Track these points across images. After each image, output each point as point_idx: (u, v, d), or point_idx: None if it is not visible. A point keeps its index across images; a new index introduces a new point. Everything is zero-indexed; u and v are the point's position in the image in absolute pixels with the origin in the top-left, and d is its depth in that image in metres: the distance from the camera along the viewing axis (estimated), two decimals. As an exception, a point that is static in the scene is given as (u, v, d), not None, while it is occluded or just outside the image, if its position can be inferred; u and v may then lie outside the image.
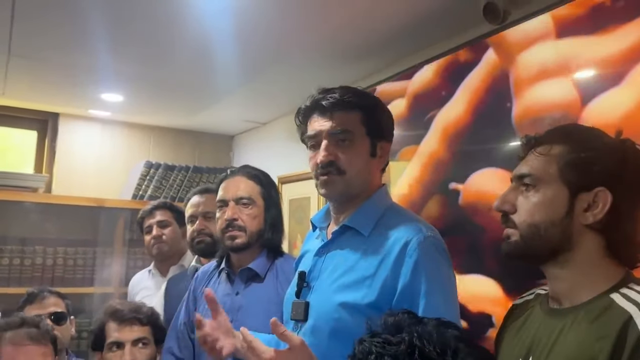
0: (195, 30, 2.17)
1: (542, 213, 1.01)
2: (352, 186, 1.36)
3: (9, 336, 1.74)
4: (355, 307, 1.24)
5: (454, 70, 1.93)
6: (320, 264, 1.39)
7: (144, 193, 3.55)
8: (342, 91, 1.37)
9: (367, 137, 1.37)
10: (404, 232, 1.28)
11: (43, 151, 3.62)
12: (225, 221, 1.74)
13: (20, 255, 3.22)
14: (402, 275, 1.23)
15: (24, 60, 2.57)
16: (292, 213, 3.25)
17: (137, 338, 1.90)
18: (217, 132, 4.04)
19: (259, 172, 1.86)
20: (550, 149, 1.03)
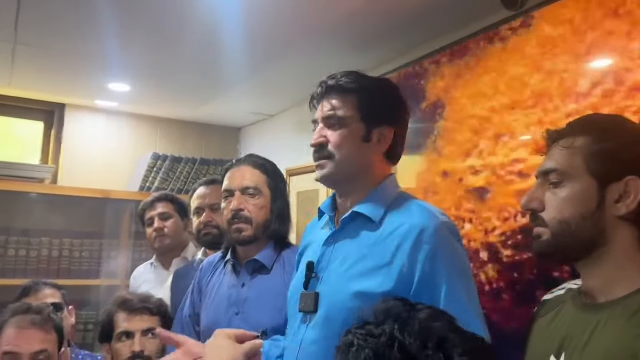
0: (202, 19, 2.14)
1: (571, 208, 0.98)
2: (342, 169, 1.34)
3: (13, 320, 1.74)
4: (371, 295, 1.20)
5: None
6: (329, 254, 1.35)
7: (151, 185, 3.53)
8: (342, 75, 1.37)
9: (361, 121, 1.34)
10: (419, 219, 1.25)
11: (49, 142, 3.60)
12: (232, 211, 1.71)
13: (26, 246, 3.20)
14: (420, 262, 1.21)
15: (31, 49, 2.55)
16: (300, 206, 3.22)
17: (147, 328, 1.89)
18: (224, 124, 4.01)
19: (266, 162, 1.82)
20: (573, 141, 1.00)
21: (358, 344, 0.78)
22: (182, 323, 1.88)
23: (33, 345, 1.71)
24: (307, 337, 1.28)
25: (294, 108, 3.35)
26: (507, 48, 1.75)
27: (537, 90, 1.63)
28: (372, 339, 0.78)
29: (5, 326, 1.73)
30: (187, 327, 1.85)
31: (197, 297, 1.87)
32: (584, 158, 0.98)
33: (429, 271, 1.20)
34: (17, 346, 1.69)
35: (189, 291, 1.92)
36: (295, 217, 3.23)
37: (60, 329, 1.83)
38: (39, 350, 1.71)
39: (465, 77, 1.92)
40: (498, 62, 1.79)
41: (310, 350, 1.27)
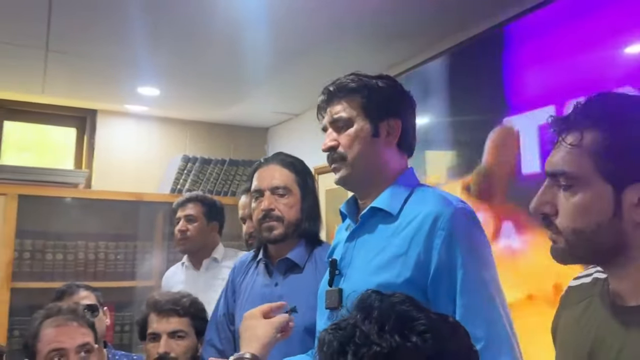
0: (226, 22, 2.17)
1: (585, 217, 0.88)
2: (357, 169, 1.34)
3: (48, 321, 1.77)
4: (391, 287, 1.19)
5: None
6: (351, 250, 1.37)
7: (182, 187, 3.58)
8: (342, 79, 1.39)
9: (366, 119, 1.35)
10: (434, 207, 1.25)
11: (82, 147, 3.69)
12: (262, 211, 1.71)
13: (62, 250, 3.28)
14: (435, 249, 1.21)
15: (62, 56, 2.61)
16: (329, 204, 3.22)
17: (174, 330, 1.91)
18: (252, 124, 4.04)
19: (294, 160, 1.82)
20: (580, 137, 0.88)
21: (328, 339, 0.79)
22: (216, 323, 1.89)
23: (76, 339, 1.74)
24: None
25: (319, 106, 3.35)
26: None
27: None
28: (339, 331, 0.79)
29: (40, 329, 1.76)
30: (222, 326, 1.86)
31: (231, 296, 1.88)
32: (594, 159, 0.86)
33: (445, 257, 1.20)
34: (61, 342, 1.72)
35: (223, 291, 1.93)
36: (324, 215, 3.23)
37: (93, 326, 1.86)
38: (82, 343, 1.74)
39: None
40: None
41: None
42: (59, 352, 1.71)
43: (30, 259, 3.18)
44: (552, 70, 1.71)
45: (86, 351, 1.75)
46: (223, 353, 1.75)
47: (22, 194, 3.10)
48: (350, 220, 1.44)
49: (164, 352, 1.88)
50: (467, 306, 1.18)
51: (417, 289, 1.20)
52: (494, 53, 1.93)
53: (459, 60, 2.14)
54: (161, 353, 1.88)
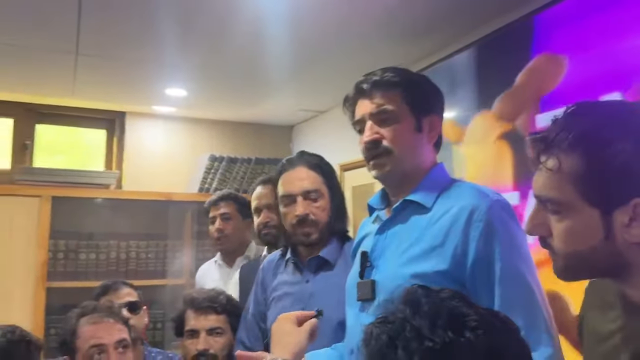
0: (249, 22, 2.19)
1: (577, 241, 0.87)
2: (402, 164, 1.34)
3: (85, 319, 1.81)
4: (425, 277, 1.21)
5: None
6: (382, 242, 1.37)
7: (210, 186, 3.62)
8: (382, 71, 1.37)
9: (410, 113, 1.35)
10: (470, 200, 1.25)
11: (112, 149, 3.76)
12: (296, 217, 1.70)
13: (95, 250, 3.35)
14: (473, 241, 1.21)
15: (91, 59, 2.67)
16: (356, 200, 3.22)
17: (212, 327, 1.93)
18: (277, 123, 4.07)
19: (319, 160, 1.81)
20: (559, 163, 0.85)
21: (375, 332, 0.80)
22: (246, 322, 1.91)
23: (114, 335, 1.78)
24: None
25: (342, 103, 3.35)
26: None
27: None
28: (387, 325, 0.79)
29: (78, 327, 1.80)
30: (251, 325, 1.89)
31: (261, 296, 1.89)
32: (575, 185, 0.84)
33: (482, 249, 1.20)
34: (100, 338, 1.76)
35: (253, 291, 1.95)
36: (351, 211, 3.24)
37: (127, 322, 1.89)
38: (119, 339, 1.79)
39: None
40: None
41: None
42: (98, 348, 1.75)
43: (64, 259, 3.26)
44: (584, 60, 1.68)
45: (123, 346, 1.79)
46: (252, 350, 1.75)
47: (55, 195, 3.18)
48: (379, 214, 1.44)
49: (203, 348, 1.90)
50: (506, 296, 1.18)
51: (453, 280, 1.20)
52: (523, 44, 1.90)
53: (487, 52, 2.11)
54: (200, 350, 1.90)
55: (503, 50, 2.03)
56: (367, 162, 1.38)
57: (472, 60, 2.19)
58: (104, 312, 1.84)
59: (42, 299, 3.07)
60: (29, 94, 3.33)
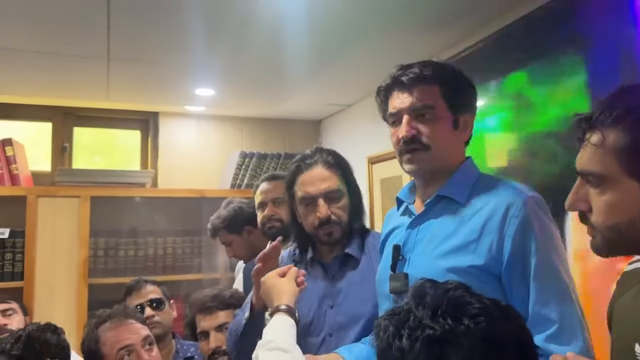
0: (275, 17, 2.21)
1: (616, 214, 0.91)
2: (438, 161, 1.35)
3: (106, 325, 1.86)
4: (459, 271, 1.23)
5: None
6: (414, 236, 1.38)
7: (241, 182, 3.69)
8: (420, 66, 1.37)
9: (448, 110, 1.35)
10: (505, 195, 1.27)
11: (147, 148, 3.87)
12: (319, 219, 1.68)
13: (133, 247, 3.46)
14: (509, 236, 1.22)
15: (123, 63, 2.75)
16: (384, 192, 3.24)
17: (220, 324, 1.99)
18: (305, 118, 4.11)
19: (336, 158, 1.77)
20: (603, 137, 0.90)
21: (384, 324, 0.85)
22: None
23: (139, 334, 1.85)
24: None
25: (369, 96, 3.32)
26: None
27: None
28: (394, 317, 0.84)
29: (100, 334, 1.84)
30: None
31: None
32: (618, 158, 0.88)
33: (519, 244, 1.21)
34: (126, 339, 1.82)
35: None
36: (379, 203, 3.27)
37: (144, 321, 1.96)
38: (145, 335, 1.86)
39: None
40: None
41: None
42: (127, 349, 1.80)
43: (104, 256, 3.38)
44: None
45: (149, 343, 1.86)
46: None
47: (94, 195, 3.30)
48: (409, 207, 1.45)
49: (215, 346, 1.96)
50: (541, 290, 1.19)
51: (489, 275, 1.23)
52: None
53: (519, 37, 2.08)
54: (213, 348, 1.97)
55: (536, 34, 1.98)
56: (401, 155, 1.38)
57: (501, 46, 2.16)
58: (122, 315, 1.89)
59: (84, 295, 3.19)
60: (65, 98, 3.45)
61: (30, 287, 3.09)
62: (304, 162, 1.74)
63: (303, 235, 1.79)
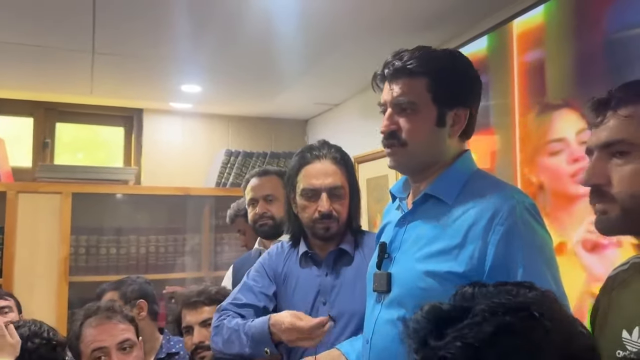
0: (264, 15, 2.20)
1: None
2: (415, 158, 1.30)
3: (89, 321, 1.83)
4: (439, 275, 1.19)
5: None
6: (401, 235, 1.34)
7: (226, 180, 3.66)
8: (408, 56, 1.29)
9: (433, 105, 1.27)
10: (493, 200, 1.20)
11: (130, 146, 3.83)
12: (319, 213, 1.67)
13: (115, 244, 3.42)
14: (492, 245, 1.16)
15: (108, 57, 2.71)
16: (370, 192, 3.24)
17: (204, 319, 1.96)
18: (291, 117, 4.09)
19: (343, 155, 1.76)
20: (635, 109, 0.94)
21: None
22: (254, 292, 1.76)
23: (116, 337, 1.80)
24: (381, 316, 1.30)
25: (357, 95, 3.37)
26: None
27: None
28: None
29: (82, 330, 1.82)
30: (260, 296, 1.77)
31: (272, 275, 1.80)
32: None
33: (502, 254, 1.15)
34: (102, 341, 1.78)
35: (259, 272, 1.82)
36: (365, 204, 3.26)
37: (132, 320, 1.92)
38: (122, 339, 1.81)
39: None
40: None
41: (384, 329, 1.28)
42: (102, 351, 1.77)
43: (85, 254, 3.33)
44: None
45: (129, 346, 1.81)
46: (266, 309, 1.72)
47: (75, 192, 3.25)
48: (400, 203, 1.41)
49: (198, 341, 1.95)
50: None
51: (469, 282, 1.19)
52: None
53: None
54: (196, 343, 1.95)
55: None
56: (384, 149, 1.35)
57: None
58: (107, 313, 1.85)
59: (65, 293, 3.15)
60: (48, 92, 3.40)
61: (9, 283, 3.04)
62: (312, 153, 1.72)
63: (297, 228, 1.77)
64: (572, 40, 1.80)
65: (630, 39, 1.59)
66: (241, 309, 1.71)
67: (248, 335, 1.60)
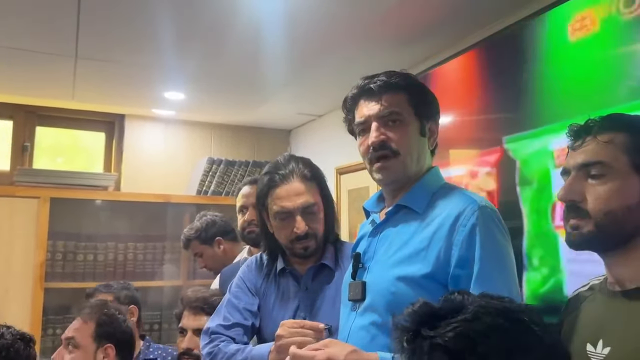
0: (250, 25, 2.21)
1: (618, 200, 1.01)
2: (407, 167, 1.36)
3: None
4: (410, 280, 1.24)
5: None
6: (374, 245, 1.40)
7: (207, 188, 3.65)
8: (387, 74, 1.40)
9: (415, 117, 1.38)
10: (457, 204, 1.28)
11: (111, 151, 3.79)
12: (295, 233, 1.64)
13: (93, 251, 3.37)
14: (456, 245, 1.23)
15: (91, 62, 2.69)
16: (351, 203, 3.25)
17: (199, 327, 1.94)
18: (275, 126, 4.10)
19: (312, 170, 1.71)
20: (614, 136, 1.03)
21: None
22: (239, 310, 1.74)
23: (65, 334, 1.90)
24: (355, 324, 1.33)
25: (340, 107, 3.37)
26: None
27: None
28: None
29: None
30: (246, 313, 1.74)
31: (253, 289, 1.78)
32: (628, 153, 1.02)
33: (464, 253, 1.22)
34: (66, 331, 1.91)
35: (239, 287, 1.80)
36: (346, 215, 3.28)
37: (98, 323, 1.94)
38: (67, 336, 1.88)
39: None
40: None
41: (358, 335, 1.31)
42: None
43: (62, 260, 3.28)
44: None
45: (70, 345, 1.88)
46: (254, 326, 1.70)
47: (54, 197, 3.21)
48: (373, 217, 1.46)
49: (186, 347, 1.94)
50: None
51: (437, 283, 1.23)
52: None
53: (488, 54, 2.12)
54: (184, 348, 1.94)
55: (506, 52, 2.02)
56: (371, 164, 1.38)
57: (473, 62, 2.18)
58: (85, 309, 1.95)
59: (40, 298, 3.09)
60: (29, 96, 3.36)
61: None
62: (279, 174, 1.67)
63: (274, 245, 1.75)
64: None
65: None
66: (230, 331, 1.67)
67: (247, 359, 1.58)
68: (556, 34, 1.75)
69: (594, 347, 1.01)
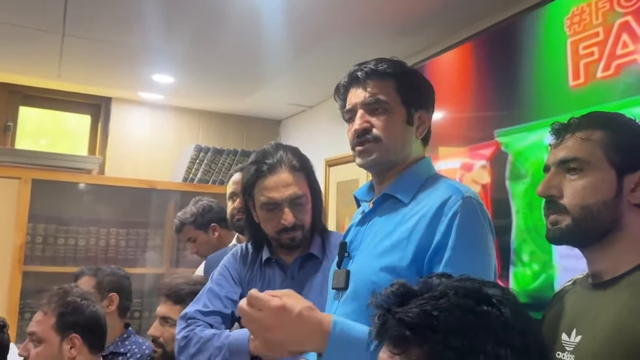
0: (242, 12, 2.19)
1: (593, 195, 1.04)
2: (388, 153, 1.35)
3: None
4: (394, 269, 1.23)
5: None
6: (361, 234, 1.39)
7: (194, 176, 3.60)
8: (376, 61, 1.38)
9: (402, 105, 1.36)
10: (443, 193, 1.26)
11: (96, 135, 3.72)
12: (282, 224, 1.61)
13: (74, 235, 3.30)
14: (438, 233, 1.22)
15: (78, 40, 2.63)
16: (340, 196, 3.22)
17: (164, 315, 1.93)
18: (265, 116, 4.06)
19: (300, 160, 1.68)
20: (592, 134, 1.06)
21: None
22: (220, 298, 1.72)
23: (30, 326, 1.85)
24: (337, 312, 1.32)
25: (331, 98, 3.26)
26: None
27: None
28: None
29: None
30: (227, 302, 1.71)
31: (237, 279, 1.75)
32: (604, 149, 1.05)
33: (441, 239, 1.21)
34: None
35: (223, 275, 1.77)
36: (335, 207, 3.25)
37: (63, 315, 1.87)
38: (29, 332, 1.82)
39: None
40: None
41: None
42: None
43: (42, 243, 3.21)
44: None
45: (34, 340, 1.82)
46: (234, 315, 1.67)
47: (35, 178, 3.14)
48: (363, 205, 1.45)
49: (152, 335, 1.91)
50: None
51: (418, 272, 1.21)
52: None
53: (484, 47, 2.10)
54: (150, 335, 1.92)
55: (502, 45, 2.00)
56: (353, 150, 1.38)
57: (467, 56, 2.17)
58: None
59: (18, 282, 3.02)
60: (13, 73, 3.28)
61: (-41, 270, 2.90)
62: (266, 163, 1.64)
63: (259, 235, 1.72)
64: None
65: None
66: (208, 317, 1.64)
67: (224, 344, 1.53)
68: (553, 27, 1.74)
69: (568, 336, 1.04)
